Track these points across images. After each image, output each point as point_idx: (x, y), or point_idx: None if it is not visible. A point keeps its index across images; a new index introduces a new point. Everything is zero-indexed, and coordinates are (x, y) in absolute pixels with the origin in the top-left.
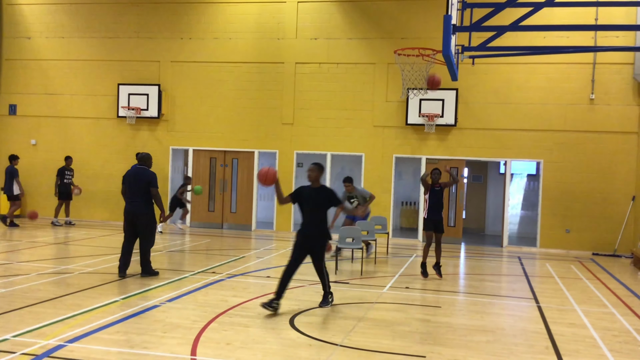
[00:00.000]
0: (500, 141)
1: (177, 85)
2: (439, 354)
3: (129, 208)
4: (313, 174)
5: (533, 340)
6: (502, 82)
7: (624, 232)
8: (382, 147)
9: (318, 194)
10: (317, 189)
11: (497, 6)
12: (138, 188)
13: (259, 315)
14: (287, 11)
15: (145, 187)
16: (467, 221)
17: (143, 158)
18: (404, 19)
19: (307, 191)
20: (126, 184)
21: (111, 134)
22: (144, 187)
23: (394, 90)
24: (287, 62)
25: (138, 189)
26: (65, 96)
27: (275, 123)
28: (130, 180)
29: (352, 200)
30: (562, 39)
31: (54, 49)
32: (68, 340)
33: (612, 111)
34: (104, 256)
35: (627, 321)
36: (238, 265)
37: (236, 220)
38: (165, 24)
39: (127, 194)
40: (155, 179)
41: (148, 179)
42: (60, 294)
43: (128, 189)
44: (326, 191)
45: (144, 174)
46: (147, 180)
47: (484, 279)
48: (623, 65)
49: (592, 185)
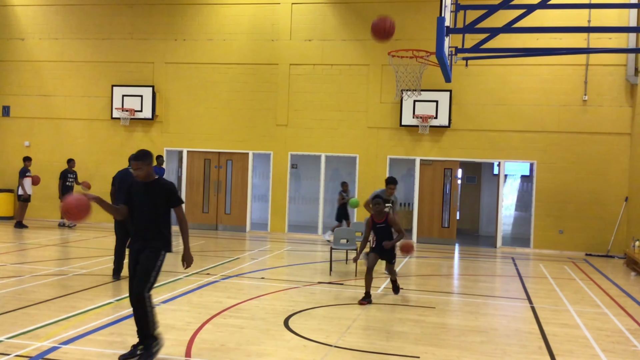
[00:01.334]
0: (494, 142)
1: (171, 86)
2: (432, 354)
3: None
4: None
5: (526, 341)
6: (495, 84)
7: (616, 233)
8: (376, 148)
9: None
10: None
11: (490, 8)
12: None
13: (254, 317)
14: (281, 12)
15: None
16: (461, 222)
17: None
18: (398, 20)
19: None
20: (116, 185)
21: (105, 135)
22: None
23: (388, 91)
24: (281, 64)
25: None
26: (59, 97)
27: (270, 124)
28: (120, 182)
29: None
30: (555, 41)
31: (47, 50)
32: (62, 342)
33: (604, 112)
34: (98, 258)
35: (620, 321)
36: (232, 267)
37: (231, 222)
38: (159, 25)
39: (118, 195)
40: None
41: None
42: (55, 295)
43: (119, 191)
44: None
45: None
46: None
47: (477, 279)
48: (616, 66)
49: (585, 186)
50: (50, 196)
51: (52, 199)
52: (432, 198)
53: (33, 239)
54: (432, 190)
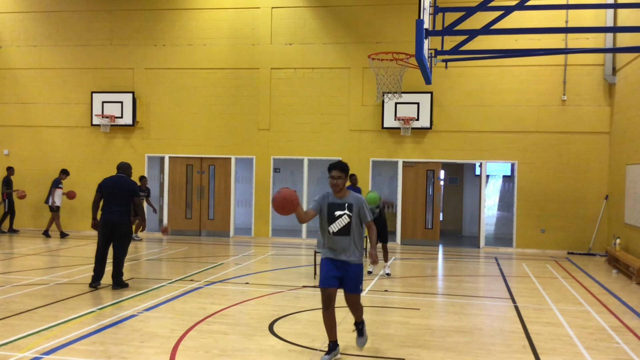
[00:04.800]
0: (475, 143)
1: (152, 92)
2: (417, 355)
3: (108, 218)
4: None
5: (510, 340)
6: (475, 85)
7: (598, 231)
8: (358, 151)
9: None
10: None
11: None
12: (118, 197)
13: (238, 323)
14: (261, 17)
15: (125, 197)
16: (444, 223)
17: (123, 167)
18: (378, 23)
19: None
20: (103, 193)
21: (85, 142)
22: (125, 196)
23: (369, 94)
24: (262, 68)
25: (118, 198)
26: (38, 105)
27: (252, 129)
28: (110, 190)
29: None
30: (534, 42)
31: (25, 58)
32: (44, 352)
33: (583, 112)
34: (80, 266)
35: (602, 319)
36: (216, 273)
37: (214, 227)
38: (139, 30)
39: (105, 203)
40: (136, 187)
41: (130, 188)
42: (36, 305)
43: (106, 199)
44: None
45: (125, 183)
46: (130, 189)
47: (461, 280)
48: (594, 66)
49: (565, 185)
50: (32, 205)
51: (33, 208)
52: (415, 200)
53: (15, 248)
54: (415, 191)
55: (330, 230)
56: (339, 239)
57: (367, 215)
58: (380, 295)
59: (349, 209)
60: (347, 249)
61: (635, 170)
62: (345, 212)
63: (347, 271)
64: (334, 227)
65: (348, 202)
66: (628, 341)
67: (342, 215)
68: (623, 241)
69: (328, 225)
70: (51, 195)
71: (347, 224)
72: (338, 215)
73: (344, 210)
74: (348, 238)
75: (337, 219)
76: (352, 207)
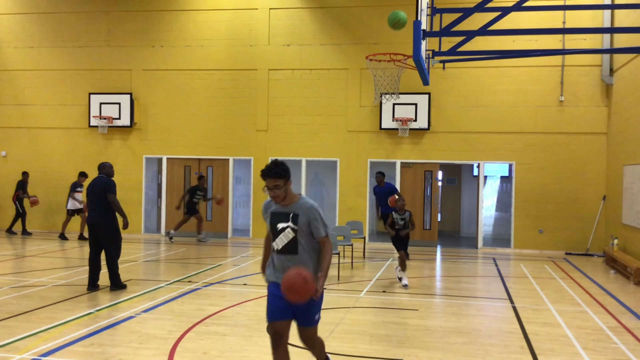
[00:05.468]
0: (473, 144)
1: (150, 93)
2: (416, 356)
3: (89, 219)
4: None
5: (508, 341)
6: (473, 86)
7: (595, 232)
8: (356, 152)
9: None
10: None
11: (466, 11)
12: (96, 198)
13: (236, 324)
14: (259, 18)
15: (101, 196)
16: (442, 224)
17: (102, 167)
18: (376, 24)
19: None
20: (87, 196)
21: (83, 144)
22: (102, 196)
23: (367, 95)
24: (260, 69)
25: (96, 199)
26: (35, 107)
27: (250, 130)
28: (90, 191)
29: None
30: (531, 43)
31: (23, 59)
32: (42, 353)
33: (581, 113)
34: (77, 268)
35: (600, 319)
36: (214, 274)
37: (212, 229)
38: (136, 32)
39: (88, 205)
40: (111, 185)
41: (104, 187)
42: (34, 307)
43: (88, 200)
44: None
45: (100, 182)
46: (103, 188)
47: (459, 280)
48: (591, 67)
49: (563, 186)
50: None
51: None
52: (413, 200)
53: (12, 250)
54: (413, 192)
55: (274, 247)
56: (284, 259)
57: (319, 229)
58: (378, 296)
59: (294, 221)
60: None
61: (632, 171)
62: (289, 224)
63: None
64: (277, 244)
65: (293, 212)
66: (626, 341)
67: (286, 229)
68: (621, 242)
69: (273, 241)
70: (71, 198)
71: (292, 239)
72: (281, 228)
73: (287, 222)
74: (295, 258)
75: (280, 233)
76: (298, 218)
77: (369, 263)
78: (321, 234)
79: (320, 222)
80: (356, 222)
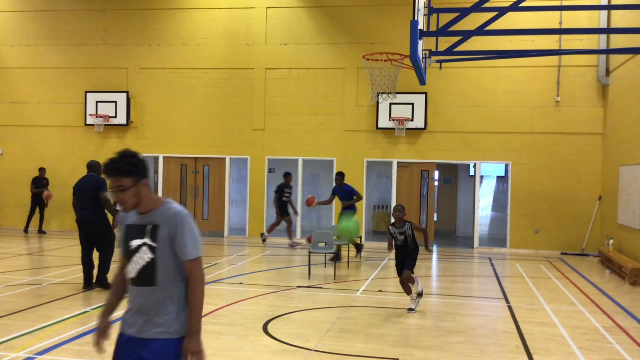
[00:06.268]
0: (469, 144)
1: (146, 92)
2: (411, 356)
3: (78, 218)
4: None
5: (504, 340)
6: (469, 86)
7: (591, 232)
8: (353, 151)
9: None
10: None
11: (462, 11)
12: (86, 196)
13: (232, 323)
14: (255, 17)
15: (92, 194)
16: (438, 223)
17: (92, 166)
18: (373, 24)
19: None
20: (75, 194)
21: (79, 142)
22: (92, 194)
23: (364, 94)
24: (256, 68)
25: (86, 197)
26: (31, 104)
27: (246, 129)
28: (78, 189)
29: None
30: (527, 43)
31: (19, 57)
32: (38, 352)
33: (577, 113)
34: (73, 266)
35: (595, 319)
36: (211, 273)
37: (208, 227)
38: (133, 30)
39: (76, 203)
40: (103, 183)
41: (96, 186)
42: (30, 305)
43: (76, 198)
44: None
45: (91, 180)
46: (94, 186)
47: (455, 280)
48: (587, 67)
49: (559, 186)
50: (22, 204)
51: (23, 207)
52: (410, 200)
53: (6, 248)
54: (409, 192)
55: (128, 276)
56: (139, 293)
57: (185, 247)
58: (374, 296)
59: (152, 235)
60: (153, 310)
61: (628, 171)
62: (145, 240)
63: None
64: (130, 269)
65: (152, 223)
66: (621, 341)
67: (140, 247)
68: (616, 241)
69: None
70: None
71: (148, 263)
72: (135, 247)
73: (142, 238)
74: (154, 292)
75: (134, 254)
76: (158, 231)
77: (365, 262)
78: (187, 255)
79: (188, 237)
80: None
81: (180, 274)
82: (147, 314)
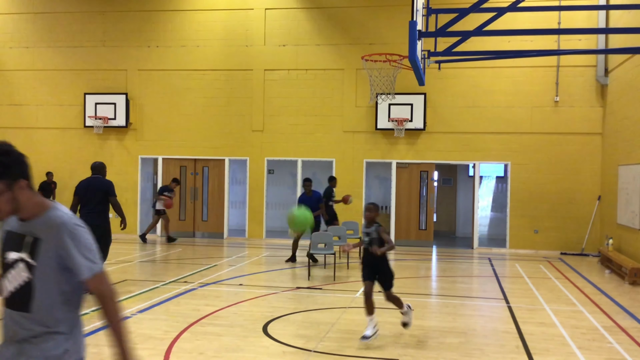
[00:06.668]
0: (469, 144)
1: (145, 93)
2: (412, 356)
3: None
4: None
5: (504, 340)
6: (468, 86)
7: (590, 232)
8: (352, 152)
9: None
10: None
11: (461, 12)
12: (93, 198)
13: (232, 324)
14: (254, 18)
15: (100, 197)
16: (438, 224)
17: (97, 167)
18: (372, 25)
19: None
20: (79, 195)
21: (78, 144)
22: (100, 197)
23: (363, 95)
24: (255, 69)
25: (93, 200)
26: (30, 107)
27: (245, 130)
28: (84, 191)
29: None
30: (526, 43)
31: (18, 59)
32: None
33: (576, 113)
34: None
35: (595, 319)
36: (210, 274)
37: (208, 229)
38: (132, 32)
39: (80, 205)
40: (112, 187)
41: (105, 189)
42: None
43: (81, 201)
44: None
45: (99, 183)
46: (104, 189)
47: (455, 280)
48: (586, 67)
49: (558, 186)
50: None
51: None
52: (409, 201)
53: None
54: (408, 193)
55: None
56: (13, 318)
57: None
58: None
59: (31, 251)
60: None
61: (627, 171)
62: (22, 255)
63: None
64: (4, 287)
65: (34, 235)
66: (621, 341)
67: (17, 263)
68: (615, 241)
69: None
70: (157, 201)
71: (25, 284)
72: (11, 261)
73: (19, 252)
74: (29, 319)
75: (8, 270)
76: (40, 245)
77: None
78: (85, 273)
79: (82, 252)
80: (352, 222)
81: (67, 300)
82: (20, 344)
